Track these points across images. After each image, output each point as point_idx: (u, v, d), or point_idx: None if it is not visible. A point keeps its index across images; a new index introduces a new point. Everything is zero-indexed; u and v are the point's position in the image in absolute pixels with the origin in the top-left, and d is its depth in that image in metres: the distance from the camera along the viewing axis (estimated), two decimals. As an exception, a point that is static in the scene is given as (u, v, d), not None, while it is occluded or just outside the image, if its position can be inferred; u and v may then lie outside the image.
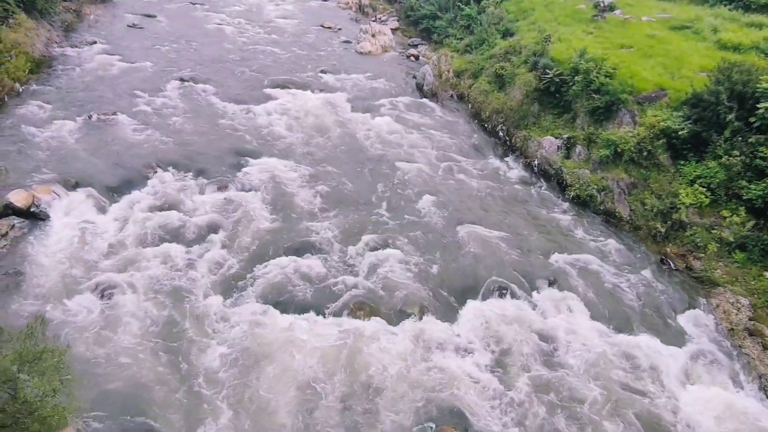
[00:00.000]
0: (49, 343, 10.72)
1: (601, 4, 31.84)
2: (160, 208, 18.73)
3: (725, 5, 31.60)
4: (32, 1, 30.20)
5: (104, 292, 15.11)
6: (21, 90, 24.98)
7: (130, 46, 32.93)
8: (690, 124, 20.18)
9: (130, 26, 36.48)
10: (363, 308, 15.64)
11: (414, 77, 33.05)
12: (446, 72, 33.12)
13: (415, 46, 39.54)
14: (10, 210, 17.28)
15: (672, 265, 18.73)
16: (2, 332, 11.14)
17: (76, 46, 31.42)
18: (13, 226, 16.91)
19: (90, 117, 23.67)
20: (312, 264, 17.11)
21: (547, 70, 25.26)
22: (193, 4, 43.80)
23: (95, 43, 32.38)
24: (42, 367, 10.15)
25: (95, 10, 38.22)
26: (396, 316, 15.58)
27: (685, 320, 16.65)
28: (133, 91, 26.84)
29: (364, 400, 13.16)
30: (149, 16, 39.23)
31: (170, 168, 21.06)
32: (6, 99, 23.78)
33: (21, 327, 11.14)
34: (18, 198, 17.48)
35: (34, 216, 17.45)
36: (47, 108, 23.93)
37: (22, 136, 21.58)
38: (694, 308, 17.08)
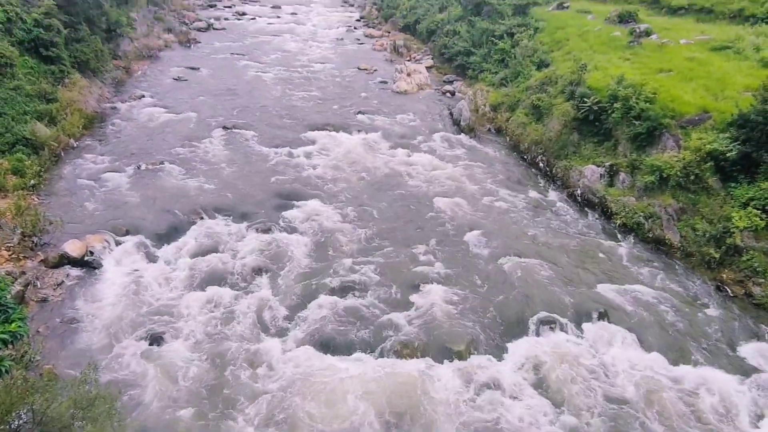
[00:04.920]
0: (101, 390, 10.97)
1: (637, 30, 31.64)
2: (207, 253, 19.15)
3: (767, 23, 30.89)
4: (86, 61, 32.02)
5: (154, 338, 15.39)
6: (75, 145, 26.29)
7: (175, 97, 34.39)
8: (738, 145, 19.59)
9: (176, 79, 38.16)
10: (408, 347, 15.44)
11: (451, 113, 33.29)
12: (483, 106, 33.26)
13: (451, 82, 39.95)
14: (65, 259, 18.00)
15: (729, 292, 17.93)
16: (57, 380, 11.46)
17: (126, 101, 33.00)
18: (68, 275, 17.60)
19: (139, 167, 24.66)
20: (356, 303, 17.09)
21: (585, 99, 25.07)
22: (233, 55, 45.57)
23: (143, 96, 33.95)
24: (95, 414, 10.36)
25: (143, 66, 40.21)
26: (442, 355, 15.29)
27: (748, 350, 15.79)
28: (180, 140, 27.90)
29: (413, 441, 12.87)
30: (193, 69, 40.98)
31: (215, 213, 21.59)
32: (62, 154, 25.04)
33: (75, 374, 11.45)
34: (73, 248, 18.21)
35: (87, 265, 18.10)
36: (99, 160, 25.09)
37: (77, 188, 22.63)
38: (758, 337, 16.24)
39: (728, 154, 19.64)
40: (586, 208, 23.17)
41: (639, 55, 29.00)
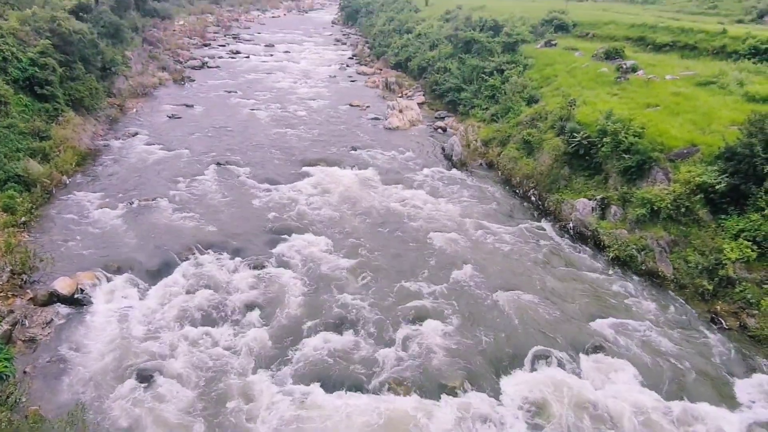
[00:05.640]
0: (89, 431, 10.71)
1: (624, 66, 32.31)
2: (199, 290, 18.97)
3: (749, 59, 31.67)
4: (80, 99, 32.34)
5: (144, 376, 15.11)
6: (68, 182, 26.30)
7: (169, 135, 34.62)
8: (726, 177, 19.81)
9: (170, 116, 38.49)
10: (402, 383, 15.24)
11: (443, 148, 33.62)
12: (474, 141, 33.62)
13: (442, 118, 40.46)
14: (55, 297, 17.79)
15: (724, 324, 17.87)
16: (43, 422, 11.20)
17: (120, 138, 33.19)
18: (57, 313, 17.36)
19: (131, 203, 24.64)
20: (349, 339, 16.91)
21: (575, 134, 25.39)
22: (227, 92, 46.14)
23: (137, 134, 34.18)
24: (82, 456, 10.10)
25: (137, 104, 40.60)
26: (437, 391, 15.08)
27: (745, 384, 15.63)
28: (173, 177, 27.97)
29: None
30: (187, 106, 41.41)
31: (208, 249, 21.48)
32: (54, 191, 25.01)
33: (62, 415, 11.20)
34: (63, 285, 18.02)
35: (77, 302, 17.89)
36: (92, 197, 25.05)
37: (68, 225, 22.52)
38: (754, 369, 16.12)
39: (717, 187, 19.85)
40: (578, 241, 23.23)
41: (626, 90, 29.54)
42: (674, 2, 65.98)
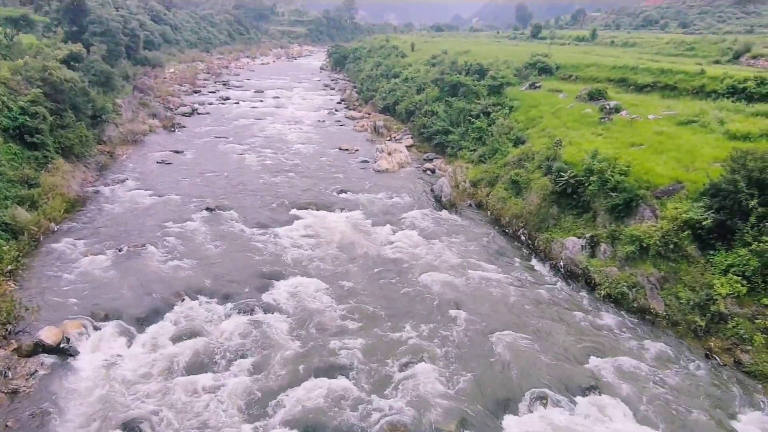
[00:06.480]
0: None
1: (607, 107, 33.03)
2: (188, 337, 18.64)
3: (728, 98, 32.53)
4: (70, 147, 32.42)
5: (132, 429, 14.66)
6: (56, 229, 26.09)
7: (159, 180, 34.64)
8: (712, 213, 20.04)
9: (160, 162, 38.59)
10: (397, 429, 14.89)
11: (432, 190, 33.87)
12: (463, 182, 33.93)
13: (431, 160, 40.91)
14: (40, 348, 17.36)
15: (719, 360, 17.77)
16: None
17: (109, 185, 33.15)
18: (42, 363, 16.91)
19: (120, 250, 24.41)
20: (341, 385, 16.58)
21: (562, 173, 25.71)
22: (217, 138, 46.49)
23: (126, 180, 34.17)
24: None
25: (127, 150, 40.73)
26: (433, 436, 14.76)
27: (743, 420, 15.48)
28: (163, 222, 27.84)
29: None
30: (177, 152, 41.59)
31: (197, 295, 21.23)
32: (41, 239, 24.77)
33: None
34: (48, 335, 17.62)
35: (63, 352, 17.46)
36: (80, 244, 24.81)
37: (55, 272, 22.20)
38: (752, 406, 15.96)
39: (704, 223, 20.06)
40: (569, 280, 23.23)
41: (610, 130, 30.11)
42: (653, 44, 68.19)
